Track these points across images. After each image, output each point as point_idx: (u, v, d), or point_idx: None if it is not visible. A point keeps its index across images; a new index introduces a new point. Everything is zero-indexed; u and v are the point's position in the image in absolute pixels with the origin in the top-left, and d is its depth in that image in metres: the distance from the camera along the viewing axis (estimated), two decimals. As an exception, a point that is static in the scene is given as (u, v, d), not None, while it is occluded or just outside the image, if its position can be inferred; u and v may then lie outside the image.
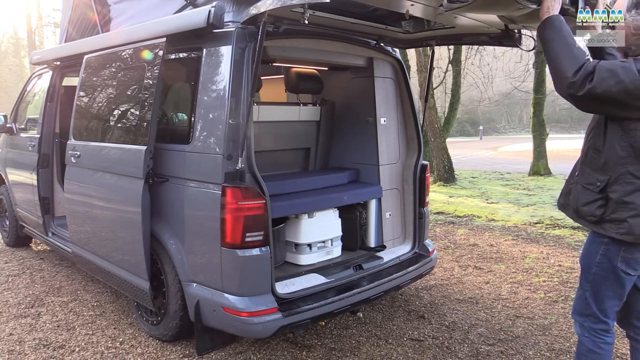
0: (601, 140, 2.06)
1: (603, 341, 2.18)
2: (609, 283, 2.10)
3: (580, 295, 2.23)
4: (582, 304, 2.22)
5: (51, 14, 29.70)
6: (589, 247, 2.17)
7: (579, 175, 2.16)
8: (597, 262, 2.12)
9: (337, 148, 4.08)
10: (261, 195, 2.66)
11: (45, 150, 4.59)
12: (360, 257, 3.54)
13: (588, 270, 2.15)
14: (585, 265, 2.19)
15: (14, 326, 3.54)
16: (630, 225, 2.00)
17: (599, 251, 2.11)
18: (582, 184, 2.12)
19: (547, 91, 12.63)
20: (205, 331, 2.84)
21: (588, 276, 2.15)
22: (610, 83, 1.90)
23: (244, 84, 2.66)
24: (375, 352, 3.13)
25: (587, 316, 2.21)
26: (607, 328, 2.18)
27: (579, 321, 2.24)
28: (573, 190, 2.19)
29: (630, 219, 2.00)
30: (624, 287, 2.13)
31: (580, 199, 2.12)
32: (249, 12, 2.44)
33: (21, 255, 5.27)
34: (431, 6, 2.56)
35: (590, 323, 2.20)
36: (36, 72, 5.32)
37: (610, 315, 2.19)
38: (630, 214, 1.99)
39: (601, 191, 2.05)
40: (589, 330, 2.20)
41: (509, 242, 5.89)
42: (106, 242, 3.51)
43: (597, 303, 2.16)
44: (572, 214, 2.20)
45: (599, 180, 2.05)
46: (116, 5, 3.84)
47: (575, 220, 2.20)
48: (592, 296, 2.16)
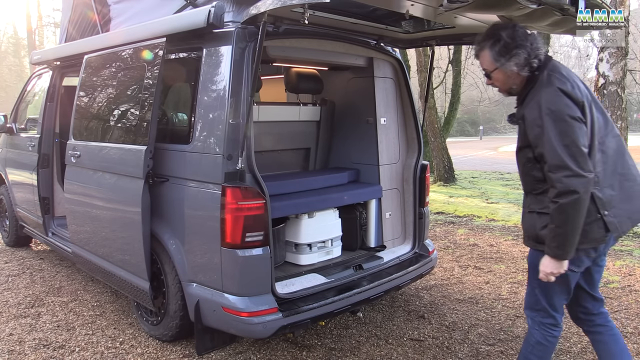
0: (539, 172, 2.14)
1: (551, 334, 2.29)
2: (556, 280, 2.17)
3: (530, 291, 2.32)
4: (532, 300, 2.32)
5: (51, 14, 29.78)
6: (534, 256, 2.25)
7: (530, 204, 2.23)
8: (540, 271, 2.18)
9: (337, 148, 4.08)
10: (261, 195, 2.66)
11: (45, 150, 4.59)
12: (360, 257, 3.54)
13: (536, 269, 2.20)
14: (532, 264, 2.26)
15: (14, 326, 3.54)
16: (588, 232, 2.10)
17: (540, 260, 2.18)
18: (536, 210, 2.18)
19: (547, 91, 12.62)
20: (205, 331, 2.84)
21: (536, 274, 2.20)
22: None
23: (244, 84, 2.66)
24: (375, 352, 3.13)
25: (537, 311, 2.30)
26: (556, 322, 2.29)
27: (530, 316, 2.34)
28: (527, 219, 2.25)
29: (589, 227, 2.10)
30: (570, 283, 2.24)
31: (537, 224, 2.17)
32: (249, 12, 2.44)
33: (21, 255, 5.27)
34: (431, 6, 2.56)
35: (540, 317, 2.30)
36: (36, 72, 5.32)
37: (559, 309, 2.29)
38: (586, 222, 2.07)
39: None
40: (539, 324, 2.30)
41: (509, 242, 5.89)
42: (106, 242, 3.51)
43: (546, 298, 2.26)
44: (532, 243, 2.24)
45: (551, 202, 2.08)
46: (116, 5, 3.84)
47: (535, 247, 2.24)
48: (541, 292, 2.26)
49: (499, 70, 2.20)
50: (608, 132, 2.23)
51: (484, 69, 2.27)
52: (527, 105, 2.12)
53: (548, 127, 2.00)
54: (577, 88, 2.11)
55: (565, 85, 2.08)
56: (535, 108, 2.07)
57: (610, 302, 3.92)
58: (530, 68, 2.15)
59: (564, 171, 1.97)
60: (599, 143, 2.17)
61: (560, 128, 1.99)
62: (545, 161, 2.02)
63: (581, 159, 1.98)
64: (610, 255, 5.21)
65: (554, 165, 1.99)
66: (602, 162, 2.17)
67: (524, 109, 2.14)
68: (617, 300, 3.97)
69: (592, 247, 2.16)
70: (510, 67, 2.15)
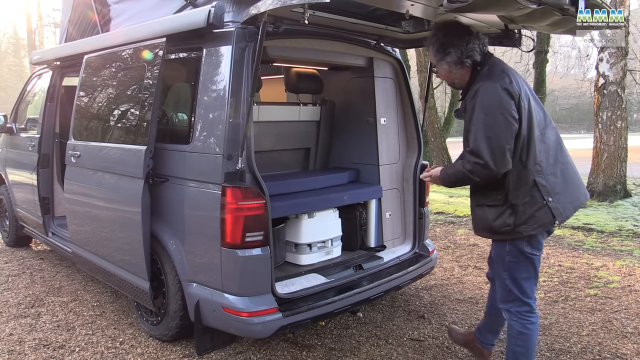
0: None
1: (529, 321, 2.42)
2: (522, 266, 2.37)
3: (501, 284, 2.46)
4: (505, 292, 2.45)
5: (51, 14, 29.75)
6: (498, 249, 2.43)
7: (477, 199, 2.43)
8: (508, 251, 2.38)
9: (337, 148, 4.08)
10: (261, 195, 2.66)
11: (45, 150, 4.59)
12: (360, 257, 3.54)
13: (502, 260, 2.39)
14: (498, 257, 2.44)
15: (14, 326, 3.54)
16: (539, 218, 2.31)
17: (505, 250, 2.39)
18: (486, 204, 2.37)
19: (547, 91, 12.62)
20: (205, 331, 2.84)
21: (503, 265, 2.39)
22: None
23: (244, 84, 2.66)
24: (375, 352, 3.13)
25: (511, 302, 2.44)
26: (531, 309, 2.42)
27: (505, 308, 2.47)
28: (478, 212, 2.43)
29: (538, 212, 2.31)
30: (536, 267, 2.42)
31: (489, 217, 2.36)
32: (249, 12, 2.44)
33: (21, 255, 5.27)
34: (431, 6, 2.56)
35: (515, 307, 2.43)
36: (36, 72, 5.32)
37: (531, 295, 2.43)
38: (535, 209, 2.30)
39: (504, 202, 2.31)
40: (516, 314, 2.42)
41: (509, 242, 5.88)
42: (106, 242, 3.51)
43: (517, 287, 2.40)
44: (487, 234, 2.44)
45: (498, 195, 2.31)
46: (116, 5, 3.84)
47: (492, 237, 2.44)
48: (511, 282, 2.41)
49: (439, 65, 2.43)
50: (547, 124, 2.42)
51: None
52: (469, 98, 2.32)
53: (479, 117, 2.21)
54: (514, 82, 2.28)
55: (503, 80, 2.26)
56: (473, 98, 2.27)
57: (610, 302, 3.92)
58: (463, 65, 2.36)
59: (477, 158, 2.21)
60: (540, 134, 2.35)
61: (489, 121, 2.20)
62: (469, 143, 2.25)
63: (497, 153, 2.19)
64: (610, 255, 5.22)
65: (472, 150, 2.23)
66: (545, 152, 2.35)
67: (467, 101, 2.33)
68: (617, 300, 3.98)
69: (545, 230, 2.36)
70: (443, 65, 2.40)
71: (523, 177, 2.29)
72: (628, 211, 7.27)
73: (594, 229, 6.37)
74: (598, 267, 4.84)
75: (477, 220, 2.47)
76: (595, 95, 8.31)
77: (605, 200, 7.80)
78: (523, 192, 2.30)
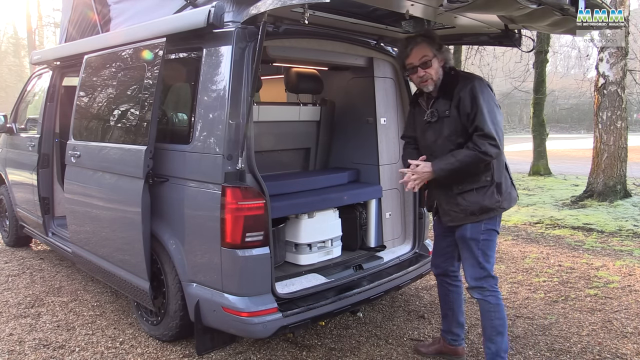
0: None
1: (498, 292, 2.69)
2: (492, 243, 2.67)
3: (473, 263, 2.67)
4: (476, 271, 2.66)
5: (51, 14, 29.78)
6: (475, 224, 2.63)
7: (464, 186, 2.60)
8: (483, 230, 2.63)
9: (337, 148, 4.08)
10: (261, 195, 2.66)
11: (45, 150, 4.59)
12: (360, 257, 3.54)
13: (477, 240, 2.63)
14: (473, 239, 2.64)
15: (14, 326, 3.54)
16: (511, 193, 2.70)
17: (484, 223, 2.63)
18: (474, 188, 2.60)
19: (547, 91, 12.63)
20: (205, 331, 2.84)
21: (478, 244, 2.63)
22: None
23: (244, 84, 2.66)
24: (375, 352, 3.13)
25: (484, 278, 2.66)
26: (496, 281, 2.70)
27: (477, 286, 2.67)
28: (467, 197, 2.61)
29: (510, 189, 2.70)
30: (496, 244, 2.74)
31: (480, 198, 2.60)
32: (249, 12, 2.44)
33: (21, 255, 5.27)
34: (431, 6, 2.56)
35: (486, 284, 2.65)
36: (36, 72, 5.31)
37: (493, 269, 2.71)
38: (508, 185, 2.68)
39: (492, 182, 2.60)
40: (489, 288, 2.66)
41: (509, 242, 5.89)
42: (106, 242, 3.51)
43: (487, 263, 2.65)
44: (473, 217, 2.61)
45: (486, 176, 2.60)
46: (116, 5, 3.84)
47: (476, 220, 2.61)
48: (484, 260, 2.64)
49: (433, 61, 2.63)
50: None
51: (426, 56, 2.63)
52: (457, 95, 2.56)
53: (483, 108, 2.51)
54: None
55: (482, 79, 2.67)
56: (470, 94, 2.53)
57: (610, 302, 3.92)
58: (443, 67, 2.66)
59: (490, 140, 2.49)
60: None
61: (491, 110, 2.53)
62: (478, 130, 2.50)
63: (501, 136, 2.53)
64: (610, 255, 5.22)
65: (484, 135, 2.49)
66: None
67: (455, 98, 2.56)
68: (617, 300, 3.98)
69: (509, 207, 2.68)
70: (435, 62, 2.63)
71: (500, 159, 2.64)
72: (628, 211, 7.27)
73: (594, 229, 6.37)
74: (598, 267, 4.84)
75: (463, 206, 2.61)
76: (595, 95, 8.31)
77: (605, 200, 7.80)
78: (502, 172, 2.65)
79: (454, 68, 2.72)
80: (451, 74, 2.67)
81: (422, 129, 2.76)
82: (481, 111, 2.50)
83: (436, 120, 2.65)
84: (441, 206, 2.75)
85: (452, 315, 2.97)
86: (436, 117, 2.65)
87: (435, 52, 2.63)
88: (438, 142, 2.66)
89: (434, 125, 2.67)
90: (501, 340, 2.64)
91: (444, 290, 2.98)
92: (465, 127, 2.56)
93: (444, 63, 2.66)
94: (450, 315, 2.98)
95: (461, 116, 2.56)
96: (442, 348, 3.02)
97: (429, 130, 2.71)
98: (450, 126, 2.60)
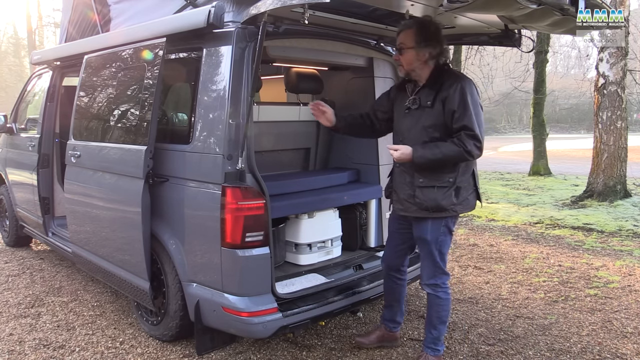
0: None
1: (448, 287, 2.83)
2: (448, 242, 2.77)
3: (429, 263, 2.77)
4: (432, 269, 2.77)
5: (51, 14, 29.78)
6: (435, 227, 2.70)
7: (429, 180, 2.65)
8: (441, 232, 2.71)
9: (337, 148, 4.08)
10: (261, 195, 2.66)
11: (45, 150, 4.59)
12: (360, 257, 3.54)
13: (436, 240, 2.71)
14: (433, 239, 2.71)
15: (14, 326, 3.54)
16: (469, 201, 2.73)
17: (442, 224, 2.70)
18: (437, 185, 2.64)
19: (547, 91, 12.63)
20: (205, 331, 2.84)
21: (437, 245, 2.72)
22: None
23: (244, 84, 2.66)
24: (375, 352, 3.13)
25: (438, 275, 2.77)
26: (448, 277, 2.83)
27: (432, 283, 2.78)
28: (425, 192, 2.65)
29: (469, 196, 2.72)
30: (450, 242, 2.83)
31: (438, 196, 2.64)
32: (249, 12, 2.44)
33: (21, 255, 5.27)
34: (431, 6, 2.57)
35: (440, 281, 2.78)
36: (36, 72, 5.31)
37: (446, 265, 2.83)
38: (469, 192, 2.71)
39: (452, 184, 2.64)
40: (441, 285, 2.78)
41: (509, 242, 5.89)
42: (106, 242, 3.51)
43: (442, 261, 2.77)
44: (427, 213, 2.67)
45: (450, 177, 2.63)
46: (116, 5, 3.84)
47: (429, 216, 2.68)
48: (439, 257, 2.75)
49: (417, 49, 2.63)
50: None
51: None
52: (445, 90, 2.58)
53: (471, 108, 2.54)
54: None
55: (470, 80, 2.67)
56: (459, 93, 2.55)
57: (610, 302, 3.92)
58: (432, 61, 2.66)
59: (476, 141, 2.55)
60: None
61: (477, 112, 2.56)
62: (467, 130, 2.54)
63: (483, 136, 2.58)
64: (610, 255, 5.22)
65: (471, 135, 2.53)
66: None
67: (442, 92, 2.58)
68: (617, 300, 3.98)
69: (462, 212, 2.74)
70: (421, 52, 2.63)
71: (469, 164, 2.70)
72: (628, 211, 7.27)
73: (594, 229, 6.37)
74: (598, 267, 4.84)
75: (421, 199, 2.67)
76: (595, 95, 8.31)
77: (605, 200, 7.80)
78: (466, 177, 2.69)
79: (448, 65, 2.74)
80: (444, 68, 2.69)
81: (401, 114, 2.78)
82: (470, 112, 2.54)
83: (416, 108, 2.68)
84: (397, 194, 2.81)
85: (398, 306, 3.09)
86: (417, 104, 2.68)
87: (416, 44, 2.62)
88: (413, 131, 2.68)
89: (413, 112, 2.70)
90: (443, 328, 2.84)
91: (392, 284, 3.06)
92: (446, 123, 2.59)
93: (426, 59, 2.65)
94: (396, 306, 3.09)
95: (445, 111, 2.59)
96: (383, 336, 3.13)
97: (408, 116, 2.73)
98: (431, 118, 2.63)
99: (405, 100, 2.76)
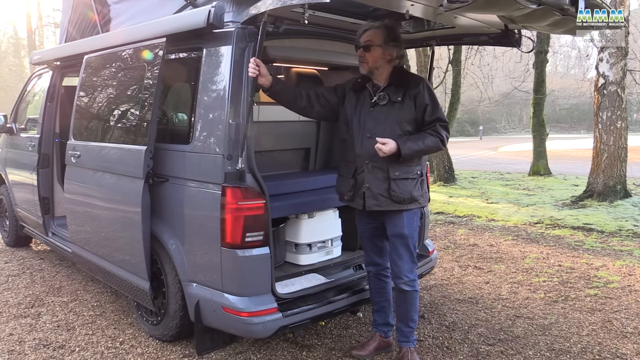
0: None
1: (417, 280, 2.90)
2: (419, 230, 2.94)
3: (408, 258, 2.81)
4: (410, 264, 2.82)
5: (51, 14, 29.80)
6: (409, 221, 2.79)
7: (404, 173, 2.73)
8: (415, 226, 2.84)
9: (337, 148, 4.07)
10: (261, 195, 2.66)
11: (45, 150, 4.59)
12: (360, 257, 3.53)
13: (412, 234, 2.81)
14: (409, 233, 2.79)
15: (14, 326, 3.54)
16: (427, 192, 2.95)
17: (415, 218, 2.83)
18: (410, 177, 2.75)
19: (547, 91, 12.63)
20: (205, 331, 2.84)
21: (412, 239, 2.81)
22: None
23: (244, 84, 2.66)
24: (375, 352, 3.13)
25: (414, 270, 2.85)
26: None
27: (412, 278, 2.82)
28: (400, 185, 2.73)
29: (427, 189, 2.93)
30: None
31: (411, 187, 2.75)
32: (249, 12, 2.44)
33: (21, 255, 5.27)
34: (431, 6, 2.56)
35: (414, 274, 2.85)
36: (36, 72, 5.32)
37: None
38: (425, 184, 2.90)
39: (420, 176, 2.80)
40: (415, 280, 2.85)
41: (509, 242, 5.89)
42: (106, 242, 3.51)
43: (415, 254, 2.86)
44: (400, 205, 2.74)
45: (417, 170, 2.79)
46: (116, 5, 3.84)
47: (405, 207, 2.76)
48: (414, 248, 2.83)
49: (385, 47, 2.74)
50: None
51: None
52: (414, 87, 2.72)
53: (438, 103, 2.76)
54: None
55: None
56: (427, 89, 2.75)
57: (610, 302, 3.92)
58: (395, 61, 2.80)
59: (447, 132, 2.76)
60: None
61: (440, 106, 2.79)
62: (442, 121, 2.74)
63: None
64: (610, 255, 5.22)
65: (444, 126, 2.74)
66: None
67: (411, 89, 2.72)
68: (617, 300, 3.98)
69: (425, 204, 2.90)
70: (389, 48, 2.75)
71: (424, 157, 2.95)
72: (628, 211, 7.27)
73: (594, 229, 6.37)
74: (598, 267, 4.84)
75: (397, 192, 2.72)
76: (595, 95, 8.31)
77: (605, 200, 7.80)
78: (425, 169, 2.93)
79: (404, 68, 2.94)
80: (402, 69, 2.88)
81: (364, 111, 2.80)
82: (439, 105, 2.76)
83: (384, 104, 2.75)
84: (370, 190, 2.78)
85: (389, 307, 3.06)
86: (386, 100, 2.74)
87: (384, 43, 2.73)
88: (382, 126, 2.73)
89: (381, 108, 2.75)
90: (417, 318, 2.96)
91: (381, 285, 3.03)
92: (417, 117, 2.72)
93: (391, 58, 2.77)
94: (387, 307, 3.05)
95: (417, 106, 2.71)
96: (379, 345, 3.06)
97: (373, 112, 2.77)
98: (404, 113, 2.72)
99: (369, 98, 2.80)
